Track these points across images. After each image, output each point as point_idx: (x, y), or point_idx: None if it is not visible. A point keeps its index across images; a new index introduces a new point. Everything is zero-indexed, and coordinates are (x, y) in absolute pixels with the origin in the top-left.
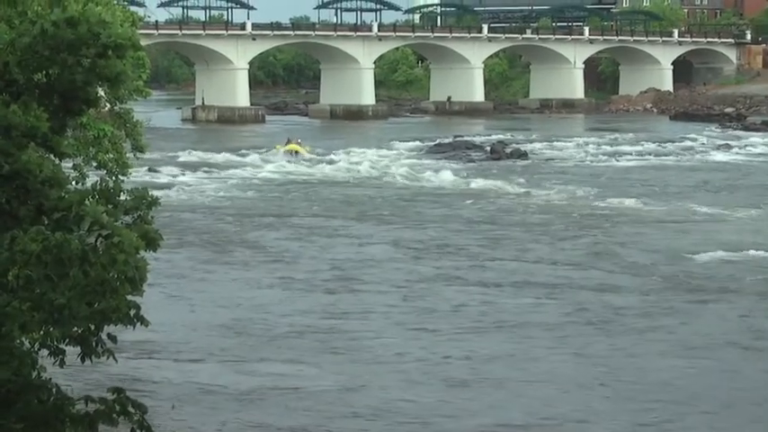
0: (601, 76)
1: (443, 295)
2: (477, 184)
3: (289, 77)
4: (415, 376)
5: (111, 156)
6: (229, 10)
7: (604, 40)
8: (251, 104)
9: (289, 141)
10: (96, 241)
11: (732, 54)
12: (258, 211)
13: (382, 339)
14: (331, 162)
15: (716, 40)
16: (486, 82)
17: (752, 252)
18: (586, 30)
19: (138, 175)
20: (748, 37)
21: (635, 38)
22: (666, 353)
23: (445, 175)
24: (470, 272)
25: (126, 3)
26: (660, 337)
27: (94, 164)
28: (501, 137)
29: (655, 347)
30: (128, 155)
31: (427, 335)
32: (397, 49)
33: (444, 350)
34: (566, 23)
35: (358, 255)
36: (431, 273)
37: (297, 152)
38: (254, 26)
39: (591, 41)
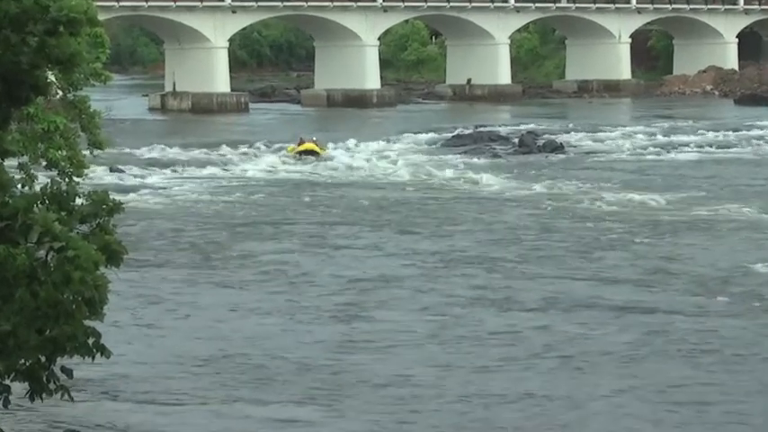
0: (651, 53)
1: (480, 321)
2: (504, 183)
3: (277, 58)
4: (452, 424)
5: (65, 153)
6: None
7: (655, 9)
8: (232, 90)
9: (302, 141)
10: (47, 255)
11: None
12: (246, 218)
13: (408, 378)
14: (329, 158)
15: None
16: (513, 61)
17: None
18: None
19: (96, 176)
20: None
21: (692, 6)
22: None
23: (467, 174)
24: (509, 291)
25: None
26: (751, 368)
27: (44, 163)
28: (531, 126)
29: (750, 383)
30: (84, 152)
31: (464, 372)
32: (406, 22)
33: (488, 389)
34: None
35: (371, 271)
36: (462, 293)
37: (314, 152)
38: None
39: (639, 11)
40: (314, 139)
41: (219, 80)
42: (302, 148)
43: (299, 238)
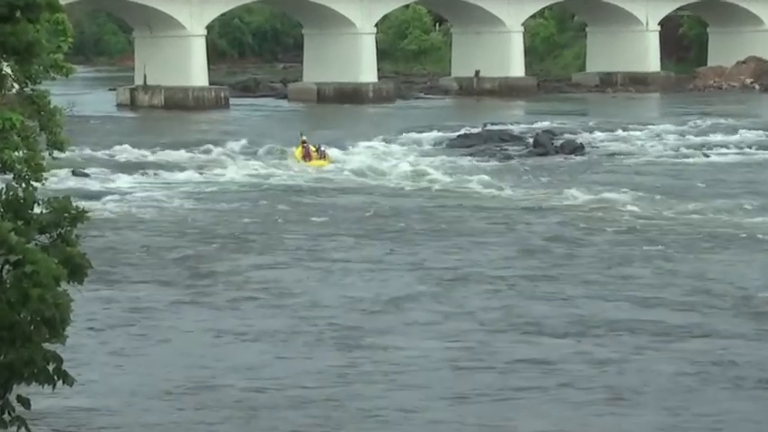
0: (682, 42)
1: (500, 347)
2: (518, 189)
3: (261, 47)
4: None
5: (21, 154)
6: None
7: None
8: (210, 84)
9: (306, 148)
10: (2, 270)
11: None
12: (228, 228)
13: (419, 414)
14: (290, 155)
15: None
16: (526, 51)
17: None
18: None
19: (57, 181)
20: None
21: None
22: None
23: (475, 178)
24: (531, 312)
25: None
26: None
27: None
28: (547, 125)
29: None
30: (43, 153)
31: (483, 406)
32: (406, 7)
33: (512, 426)
34: None
35: (373, 289)
36: (477, 314)
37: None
38: None
39: None
40: (322, 148)
41: (196, 73)
42: (312, 164)
43: (289, 252)
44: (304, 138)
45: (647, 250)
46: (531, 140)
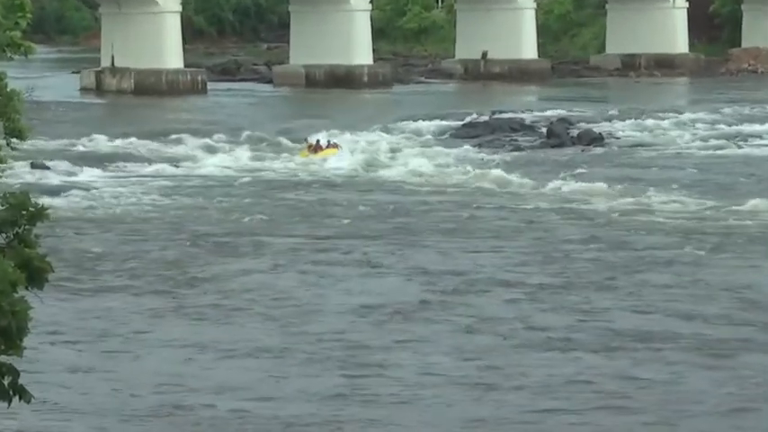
0: (714, 20)
1: (523, 363)
2: (530, 184)
3: (242, 25)
4: None
5: None
6: None
7: None
8: (185, 66)
9: (316, 144)
10: None
11: None
12: (209, 227)
13: None
14: (297, 153)
15: None
16: (539, 30)
17: None
18: None
19: (14, 174)
20: None
21: None
22: None
23: (482, 172)
24: (556, 324)
25: None
26: None
27: None
28: (563, 112)
29: None
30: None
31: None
32: None
33: None
34: None
35: (375, 297)
36: (493, 326)
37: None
38: None
39: None
40: (332, 141)
41: (170, 53)
42: (322, 155)
43: (279, 255)
44: (311, 142)
45: (676, 254)
46: (544, 130)
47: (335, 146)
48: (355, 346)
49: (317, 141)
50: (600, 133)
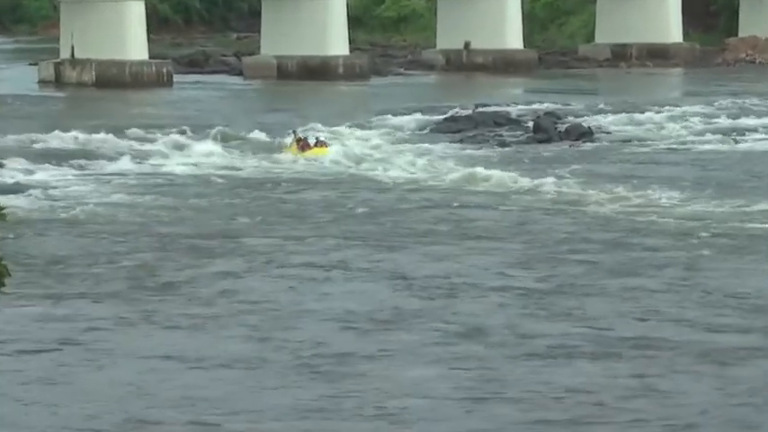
0: (709, 8)
1: (516, 375)
2: (516, 182)
3: (210, 14)
4: None
5: None
6: None
7: None
8: (150, 57)
9: (303, 140)
10: None
11: None
12: (179, 228)
13: None
14: (282, 148)
15: None
16: (525, 18)
17: None
18: None
19: None
20: None
21: None
22: None
23: (465, 169)
24: (548, 330)
25: None
26: None
27: None
28: (550, 105)
29: None
30: None
31: None
32: None
33: None
34: None
35: (359, 304)
36: (485, 334)
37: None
38: None
39: None
40: (320, 138)
41: (133, 44)
42: (311, 154)
43: (255, 258)
44: (300, 136)
45: (674, 256)
46: (530, 125)
47: (324, 144)
48: (337, 354)
49: (305, 138)
50: (589, 128)
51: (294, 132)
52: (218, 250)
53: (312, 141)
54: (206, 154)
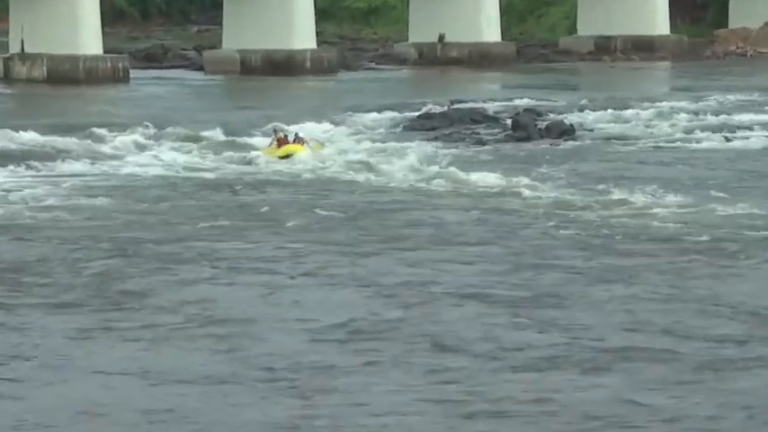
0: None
1: (503, 388)
2: (493, 182)
3: (169, 6)
4: None
5: None
6: None
7: None
8: (105, 52)
9: (282, 138)
10: None
11: None
12: (138, 233)
13: None
14: (245, 148)
15: None
16: (503, 9)
17: None
18: None
19: None
20: None
21: None
22: None
23: (440, 169)
24: (533, 341)
25: None
26: None
27: None
28: (530, 102)
29: None
30: None
31: None
32: None
33: None
34: None
35: (334, 314)
36: (468, 345)
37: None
38: None
39: None
40: (299, 135)
41: (87, 37)
42: (284, 152)
43: (222, 266)
44: (281, 134)
45: (663, 262)
46: (509, 122)
47: (302, 141)
48: (311, 368)
49: (285, 136)
50: (571, 125)
51: (275, 131)
52: (183, 257)
53: (291, 138)
54: (166, 154)
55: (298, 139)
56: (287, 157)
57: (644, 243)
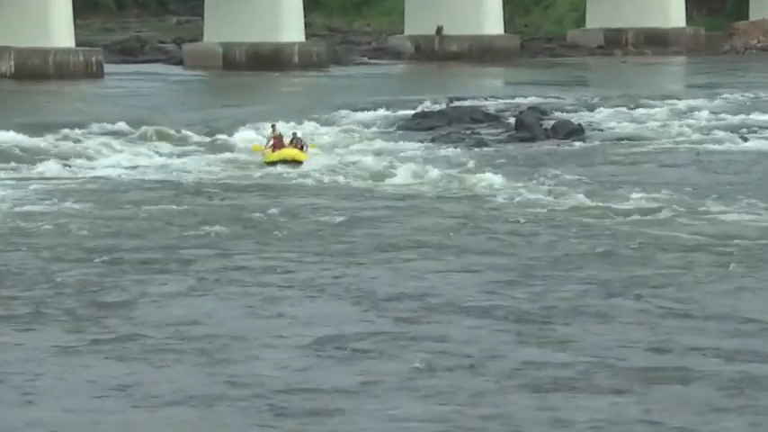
0: None
1: (511, 413)
2: (495, 186)
3: None
4: None
5: None
6: None
7: None
8: (77, 45)
9: (278, 139)
10: None
11: None
12: (120, 241)
13: None
14: (227, 148)
15: None
16: (506, 0)
17: None
18: None
19: None
20: None
21: None
22: None
23: (437, 172)
24: (540, 359)
25: None
26: None
27: None
28: (535, 99)
29: None
30: None
31: None
32: None
33: None
34: None
35: (325, 327)
36: (469, 364)
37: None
38: None
39: None
40: (297, 134)
41: (58, 29)
42: (279, 156)
43: (207, 277)
44: (278, 132)
45: (680, 274)
46: (512, 121)
47: (299, 141)
48: (306, 389)
49: (281, 136)
50: (579, 124)
51: (273, 127)
52: (165, 267)
53: (287, 140)
54: (143, 156)
55: (295, 140)
56: (283, 162)
57: (662, 253)
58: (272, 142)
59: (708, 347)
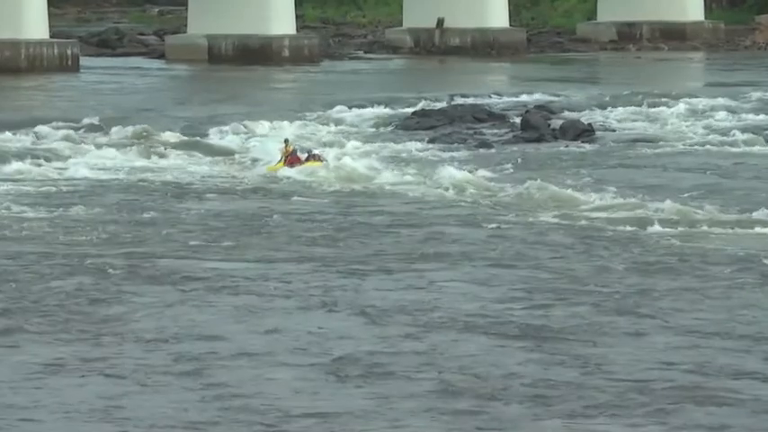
0: None
1: None
2: (500, 191)
3: None
4: None
5: None
6: None
7: None
8: (51, 37)
9: (291, 152)
10: None
11: None
12: (101, 248)
13: None
14: (210, 149)
15: None
16: None
17: None
18: None
19: None
20: None
21: None
22: None
23: (437, 175)
24: (556, 378)
25: None
26: None
27: None
28: (542, 97)
29: None
30: None
31: None
32: None
33: None
34: None
35: (324, 343)
36: (479, 384)
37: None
38: None
39: None
40: (313, 151)
41: (31, 20)
42: (305, 166)
43: (195, 287)
44: (291, 147)
45: (699, 286)
46: (517, 121)
47: (317, 158)
48: (305, 412)
49: (294, 151)
50: (590, 124)
51: (286, 141)
52: (149, 277)
53: (303, 155)
54: (122, 156)
55: (312, 157)
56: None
57: (682, 264)
58: (286, 158)
59: (736, 368)
